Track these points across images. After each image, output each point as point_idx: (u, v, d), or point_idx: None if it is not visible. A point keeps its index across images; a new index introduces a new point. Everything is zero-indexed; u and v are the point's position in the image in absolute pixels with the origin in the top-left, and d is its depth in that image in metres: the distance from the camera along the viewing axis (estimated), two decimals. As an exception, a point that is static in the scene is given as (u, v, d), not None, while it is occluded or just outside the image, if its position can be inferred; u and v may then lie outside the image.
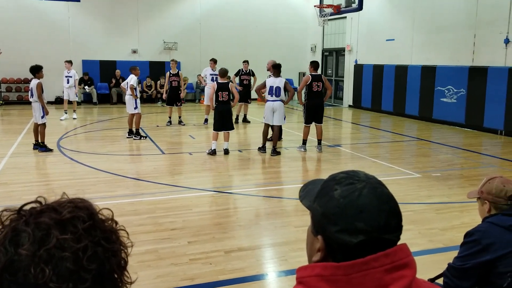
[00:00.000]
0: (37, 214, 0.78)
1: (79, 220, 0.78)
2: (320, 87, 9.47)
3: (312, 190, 1.09)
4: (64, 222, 0.77)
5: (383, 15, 16.59)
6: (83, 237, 0.76)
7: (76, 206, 0.81)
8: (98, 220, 0.82)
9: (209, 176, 7.98)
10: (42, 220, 0.76)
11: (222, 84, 9.19)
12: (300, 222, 5.47)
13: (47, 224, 0.76)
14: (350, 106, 18.72)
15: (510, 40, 11.85)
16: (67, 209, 0.79)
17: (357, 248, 0.95)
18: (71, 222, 0.77)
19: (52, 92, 17.69)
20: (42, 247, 0.74)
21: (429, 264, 4.08)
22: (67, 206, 0.80)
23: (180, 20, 19.51)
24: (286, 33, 20.86)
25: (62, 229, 0.76)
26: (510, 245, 2.39)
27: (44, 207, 0.80)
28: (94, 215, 0.81)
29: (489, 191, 2.60)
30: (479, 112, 12.59)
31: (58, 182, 7.31)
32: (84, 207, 0.82)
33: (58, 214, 0.78)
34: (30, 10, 17.63)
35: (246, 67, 13.81)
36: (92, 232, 0.78)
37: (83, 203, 0.83)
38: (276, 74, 9.44)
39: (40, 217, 0.77)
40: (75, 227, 0.77)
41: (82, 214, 0.79)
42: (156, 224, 5.41)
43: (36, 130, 9.43)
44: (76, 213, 0.79)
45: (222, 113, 9.21)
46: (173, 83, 13.03)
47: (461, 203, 6.23)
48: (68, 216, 0.78)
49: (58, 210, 0.79)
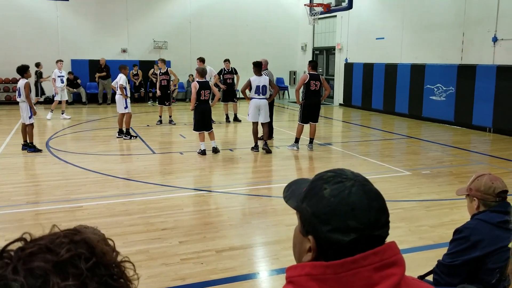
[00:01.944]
0: (28, 258, 0.64)
1: (81, 259, 0.65)
2: (318, 86, 9.43)
3: (296, 190, 1.09)
4: (63, 263, 0.64)
5: (373, 14, 16.66)
6: (88, 279, 0.64)
7: (73, 241, 0.68)
8: (100, 255, 0.69)
9: (200, 175, 7.96)
10: (35, 265, 0.63)
11: (204, 83, 9.15)
12: (291, 221, 5.47)
13: (42, 269, 0.62)
14: (340, 104, 18.78)
15: (498, 38, 11.96)
16: (63, 247, 0.66)
17: (349, 246, 0.96)
18: (72, 263, 0.64)
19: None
20: None
21: (419, 261, 4.11)
22: (62, 242, 0.67)
23: (170, 19, 19.43)
24: (276, 32, 20.87)
25: (62, 274, 0.63)
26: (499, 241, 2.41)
27: (35, 248, 0.65)
28: (95, 248, 0.69)
29: (478, 188, 2.62)
30: (468, 110, 12.69)
31: (47, 182, 7.24)
32: (82, 240, 0.69)
33: (55, 254, 0.64)
34: (18, 9, 17.45)
35: (228, 66, 13.77)
36: (97, 271, 0.66)
37: (79, 236, 0.69)
38: (257, 72, 9.38)
39: (33, 261, 0.63)
40: (77, 268, 0.64)
41: (83, 251, 0.66)
42: (147, 224, 5.39)
43: (24, 131, 9.34)
44: (75, 251, 0.66)
45: (204, 113, 9.16)
46: (163, 82, 12.99)
47: (451, 200, 6.28)
48: (66, 256, 0.65)
49: (52, 249, 0.65)
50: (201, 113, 9.15)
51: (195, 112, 9.23)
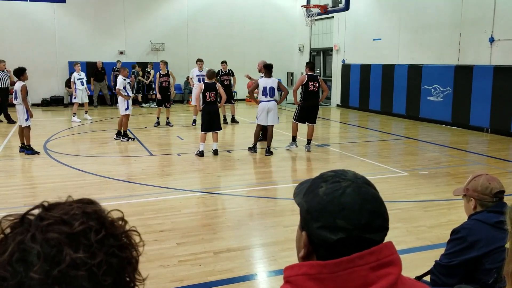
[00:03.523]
0: (45, 228, 0.70)
1: (91, 231, 0.71)
2: (316, 87, 9.45)
3: (305, 188, 1.11)
4: (76, 235, 0.70)
5: (370, 15, 16.69)
6: (97, 250, 0.70)
7: (85, 212, 0.74)
8: (109, 226, 0.75)
9: (198, 177, 7.96)
10: (51, 236, 0.69)
11: (210, 85, 9.18)
12: (289, 222, 5.47)
13: (57, 239, 0.69)
14: (338, 105, 18.80)
15: (495, 39, 11.99)
16: (78, 220, 0.71)
17: (337, 245, 0.97)
18: (83, 235, 0.70)
19: (37, 94, 17.53)
20: (54, 267, 0.67)
21: (416, 261, 4.11)
22: (76, 214, 0.73)
23: (167, 21, 19.43)
24: (273, 33, 20.89)
25: (74, 245, 0.69)
26: (496, 242, 2.41)
27: (52, 219, 0.71)
28: (104, 219, 0.75)
29: (475, 189, 2.62)
30: (465, 110, 12.72)
31: (45, 185, 7.23)
32: (93, 212, 0.75)
33: (69, 226, 0.70)
34: (15, 11, 17.42)
35: (225, 68, 13.72)
36: (106, 242, 0.72)
37: (91, 207, 0.76)
38: (267, 74, 9.42)
39: (49, 231, 0.69)
40: (87, 239, 0.70)
41: (93, 224, 0.72)
42: (144, 226, 5.38)
43: (21, 133, 9.32)
44: (87, 224, 0.72)
45: (210, 114, 9.18)
46: (163, 84, 13.00)
47: (448, 201, 6.29)
48: (79, 228, 0.70)
49: (67, 221, 0.71)
50: (208, 114, 9.17)
51: (202, 113, 9.28)
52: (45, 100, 18.06)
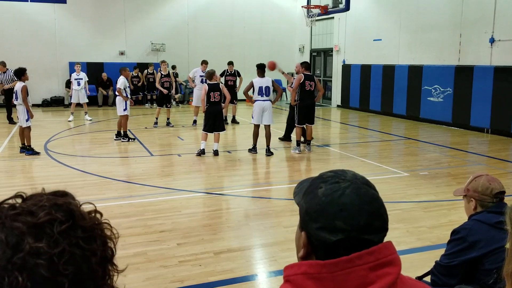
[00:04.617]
0: (13, 217, 0.74)
1: (56, 222, 0.74)
2: (313, 87, 9.50)
3: (305, 187, 1.12)
4: (40, 226, 0.73)
5: (370, 16, 16.69)
6: (59, 241, 0.72)
7: (55, 204, 0.77)
8: (78, 218, 0.77)
9: (198, 177, 7.96)
10: (16, 225, 0.72)
11: (213, 85, 9.20)
12: (289, 222, 5.48)
13: (20, 230, 0.72)
14: (338, 106, 18.80)
15: (495, 39, 11.99)
16: (44, 210, 0.75)
17: (336, 246, 0.97)
18: (48, 226, 0.73)
19: (38, 95, 17.54)
20: (15, 255, 0.70)
21: (417, 262, 4.12)
22: (44, 206, 0.76)
23: (168, 21, 19.44)
24: (274, 33, 20.89)
25: (36, 234, 0.72)
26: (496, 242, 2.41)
27: (20, 209, 0.75)
28: (73, 212, 0.77)
29: (475, 189, 2.63)
30: (465, 111, 12.72)
31: (45, 185, 7.10)
32: (63, 204, 0.77)
33: (34, 217, 0.74)
34: (15, 11, 17.44)
35: (232, 68, 13.85)
36: (71, 233, 0.74)
37: (63, 200, 0.79)
38: (260, 74, 9.46)
39: (15, 221, 0.73)
40: (51, 230, 0.73)
41: (59, 215, 0.75)
42: (145, 226, 5.38)
43: (21, 133, 9.33)
44: (53, 215, 0.74)
45: (213, 114, 9.19)
46: (165, 84, 13.01)
47: (449, 201, 6.29)
48: (44, 219, 0.73)
49: (34, 212, 0.74)
50: (211, 114, 9.18)
51: (205, 113, 9.30)
52: (45, 100, 18.07)
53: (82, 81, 14.43)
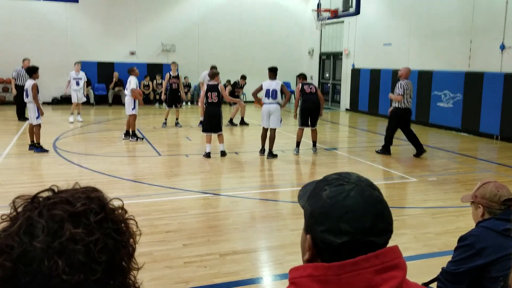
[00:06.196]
0: (51, 206, 0.79)
1: (92, 213, 0.79)
2: (314, 90, 9.65)
3: (309, 190, 1.12)
4: (77, 214, 0.78)
5: (380, 20, 16.64)
6: (95, 229, 0.77)
7: (89, 197, 0.82)
8: (109, 211, 0.83)
9: (205, 178, 7.97)
10: (55, 213, 0.77)
11: (212, 86, 9.21)
12: (295, 225, 5.46)
13: (60, 216, 0.77)
14: (347, 109, 18.75)
15: (506, 46, 11.90)
16: (80, 201, 0.80)
17: (341, 248, 0.97)
18: (84, 215, 0.78)
19: (48, 93, 17.67)
20: (55, 240, 0.75)
21: (424, 268, 4.09)
22: (80, 197, 0.81)
23: (178, 23, 19.51)
24: (283, 36, 20.89)
25: (75, 222, 0.77)
26: (503, 249, 2.39)
27: (58, 198, 0.80)
28: (105, 205, 0.83)
29: (483, 196, 2.61)
30: (475, 117, 12.63)
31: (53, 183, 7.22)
32: (96, 197, 0.83)
33: (72, 206, 0.79)
34: (28, 10, 17.60)
35: (243, 82, 14.61)
36: (104, 224, 0.79)
37: (95, 194, 0.84)
38: (271, 76, 9.51)
39: (54, 209, 0.78)
40: (87, 219, 0.78)
41: (94, 206, 0.80)
42: (151, 226, 5.40)
43: (31, 131, 9.40)
44: (88, 205, 0.80)
45: (211, 115, 9.21)
46: (173, 85, 13.07)
47: (457, 208, 6.24)
48: (81, 208, 0.79)
49: (71, 202, 0.80)
50: (208, 115, 9.21)
51: (204, 114, 9.31)
52: (55, 98, 18.21)
53: (81, 81, 14.21)
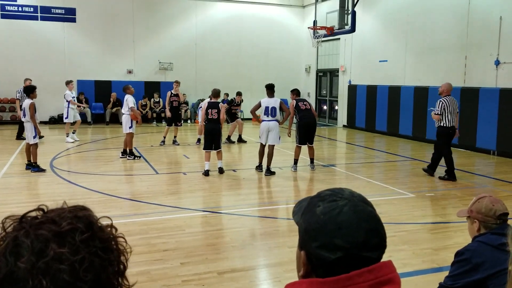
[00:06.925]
0: (37, 225, 0.79)
1: (77, 232, 0.79)
2: (308, 106, 9.68)
3: (303, 207, 1.12)
4: (63, 234, 0.78)
5: (376, 37, 16.82)
6: (80, 248, 0.78)
7: (76, 216, 0.82)
8: (97, 230, 0.83)
9: (203, 196, 7.95)
10: (41, 233, 0.78)
11: (213, 103, 9.29)
12: (294, 243, 5.44)
13: (45, 236, 0.77)
14: (344, 126, 18.81)
15: (501, 61, 12.02)
16: (66, 220, 0.80)
17: (336, 264, 0.98)
18: (70, 234, 0.79)
19: (46, 112, 17.70)
20: (40, 260, 0.75)
21: (422, 284, 4.07)
22: (67, 217, 0.82)
23: (176, 41, 19.67)
24: (280, 54, 21.08)
25: (60, 242, 0.77)
26: (500, 264, 2.39)
27: (44, 218, 0.81)
28: (93, 224, 0.83)
29: (479, 210, 2.61)
30: (471, 133, 12.68)
31: (50, 202, 7.10)
32: (83, 216, 0.83)
33: (57, 226, 0.79)
34: (25, 30, 17.74)
35: (239, 99, 14.71)
36: (90, 243, 0.80)
37: (83, 212, 0.84)
38: (269, 94, 9.58)
39: (40, 229, 0.78)
40: (73, 238, 0.78)
41: (80, 225, 0.80)
42: (148, 245, 5.37)
43: (28, 150, 9.39)
44: (75, 225, 0.80)
45: (211, 132, 9.26)
46: (174, 103, 13.11)
47: (455, 223, 6.23)
48: (67, 228, 0.79)
49: (57, 221, 0.80)
50: (207, 132, 9.26)
51: (204, 131, 9.42)
52: (52, 117, 18.24)
53: (75, 99, 14.43)
